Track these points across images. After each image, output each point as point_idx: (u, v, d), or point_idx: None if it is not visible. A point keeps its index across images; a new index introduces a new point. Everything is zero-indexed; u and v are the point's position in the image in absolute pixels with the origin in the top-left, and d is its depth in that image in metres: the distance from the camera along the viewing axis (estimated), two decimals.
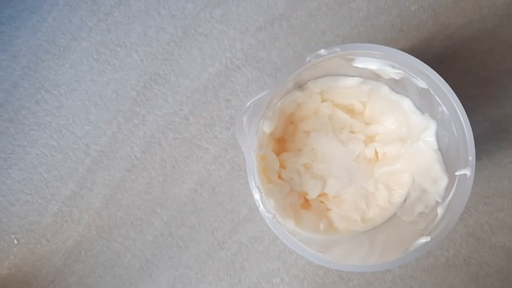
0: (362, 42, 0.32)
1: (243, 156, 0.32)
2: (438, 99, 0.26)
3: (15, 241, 0.33)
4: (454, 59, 0.32)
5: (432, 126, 0.28)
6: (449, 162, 0.28)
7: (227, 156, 0.33)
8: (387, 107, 0.30)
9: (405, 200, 0.30)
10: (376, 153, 0.30)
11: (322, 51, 0.25)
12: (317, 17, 0.32)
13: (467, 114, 0.25)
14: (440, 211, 0.26)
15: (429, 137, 0.28)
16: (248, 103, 0.25)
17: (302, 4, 0.32)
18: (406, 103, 0.29)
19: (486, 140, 0.32)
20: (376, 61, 0.26)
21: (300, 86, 0.30)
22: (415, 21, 0.32)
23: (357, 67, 0.27)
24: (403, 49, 0.27)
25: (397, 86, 0.29)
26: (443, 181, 0.27)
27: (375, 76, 0.29)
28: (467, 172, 0.25)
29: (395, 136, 0.30)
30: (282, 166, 0.29)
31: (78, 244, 0.33)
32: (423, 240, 0.25)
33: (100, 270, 0.33)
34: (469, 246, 0.32)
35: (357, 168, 0.30)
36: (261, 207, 0.26)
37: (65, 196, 0.33)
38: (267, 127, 0.28)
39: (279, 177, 0.29)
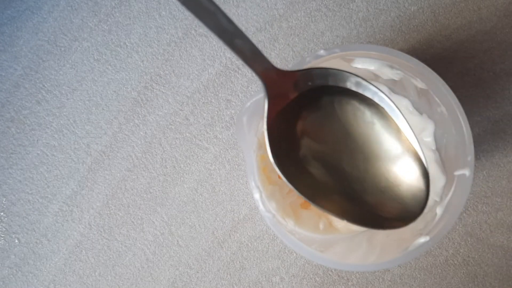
0: (361, 43, 0.32)
1: (243, 156, 0.33)
2: (437, 99, 0.26)
3: (16, 241, 0.34)
4: (452, 60, 0.32)
5: (430, 127, 0.28)
6: (447, 162, 0.28)
7: (227, 156, 0.33)
8: None
9: None
10: None
11: (322, 52, 0.25)
12: (316, 18, 0.32)
13: (465, 115, 0.25)
14: (439, 210, 0.26)
15: (427, 138, 0.28)
16: (248, 103, 0.25)
17: (301, 5, 0.32)
18: (404, 104, 0.29)
19: (484, 140, 0.32)
20: (375, 62, 0.26)
21: None
22: (414, 22, 0.32)
23: (356, 68, 0.27)
24: (402, 50, 0.27)
25: (396, 86, 0.29)
26: (441, 181, 0.27)
27: (374, 77, 0.29)
28: (466, 172, 0.25)
29: None
30: None
31: (79, 243, 0.33)
32: (422, 239, 0.25)
33: (100, 269, 0.33)
34: (468, 246, 0.32)
35: None
36: (261, 207, 0.26)
37: (66, 195, 0.33)
38: None
39: (279, 176, 0.29)
